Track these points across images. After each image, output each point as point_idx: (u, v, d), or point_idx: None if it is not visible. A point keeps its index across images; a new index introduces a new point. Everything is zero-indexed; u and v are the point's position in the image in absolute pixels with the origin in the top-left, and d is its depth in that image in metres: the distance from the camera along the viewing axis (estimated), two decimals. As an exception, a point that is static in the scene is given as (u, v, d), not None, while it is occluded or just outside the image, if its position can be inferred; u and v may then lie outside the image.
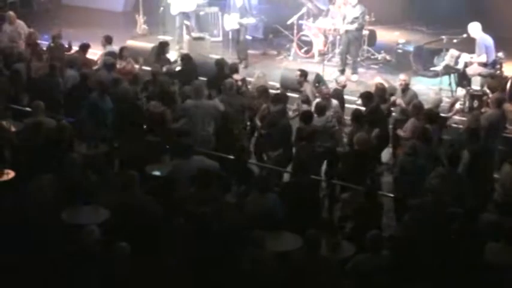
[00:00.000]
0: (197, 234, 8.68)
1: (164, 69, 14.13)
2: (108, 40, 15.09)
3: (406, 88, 12.98)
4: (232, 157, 10.88)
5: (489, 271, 8.20)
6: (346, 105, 13.38)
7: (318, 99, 12.44)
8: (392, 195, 10.47)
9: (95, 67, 14.34)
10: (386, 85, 13.53)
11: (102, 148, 11.50)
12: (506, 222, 8.76)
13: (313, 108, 12.19)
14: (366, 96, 12.48)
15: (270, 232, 8.84)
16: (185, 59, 14.58)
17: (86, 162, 10.29)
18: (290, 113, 12.66)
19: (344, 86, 13.45)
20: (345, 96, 13.45)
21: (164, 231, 9.40)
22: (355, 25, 16.15)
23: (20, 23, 16.49)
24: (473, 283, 8.14)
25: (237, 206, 9.83)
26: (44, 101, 11.87)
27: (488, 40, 14.57)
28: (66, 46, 15.41)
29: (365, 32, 16.99)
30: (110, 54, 14.37)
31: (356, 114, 11.87)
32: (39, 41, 15.69)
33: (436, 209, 9.19)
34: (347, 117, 12.46)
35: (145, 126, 11.96)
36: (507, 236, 8.37)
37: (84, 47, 14.95)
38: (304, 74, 13.59)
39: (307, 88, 13.34)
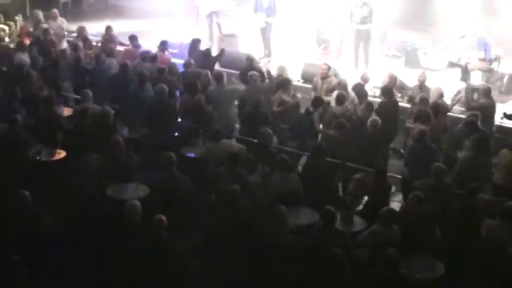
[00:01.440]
0: (226, 209, 8.73)
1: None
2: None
3: (423, 84, 12.98)
4: (257, 141, 10.93)
5: (484, 245, 8.21)
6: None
7: (337, 91, 12.42)
8: (399, 176, 10.45)
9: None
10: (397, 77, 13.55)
11: (143, 131, 11.56)
12: (502, 202, 8.75)
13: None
14: (387, 91, 12.49)
15: (291, 208, 8.85)
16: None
17: (129, 144, 10.34)
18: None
19: (366, 81, 13.44)
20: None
21: (196, 207, 9.49)
22: (368, 25, 16.12)
23: (62, 19, 16.57)
24: (469, 255, 8.14)
25: (262, 184, 9.88)
26: (90, 89, 11.97)
27: (488, 38, 14.45)
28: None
29: (378, 30, 16.88)
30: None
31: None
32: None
33: (438, 190, 9.19)
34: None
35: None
36: (503, 213, 8.34)
37: (133, 38, 14.95)
38: (329, 67, 13.62)
39: (333, 80, 13.35)
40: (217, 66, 14.47)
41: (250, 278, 7.94)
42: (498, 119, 12.56)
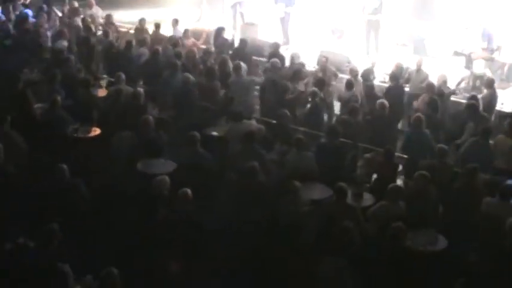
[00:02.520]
0: (244, 184, 8.73)
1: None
2: (176, 22, 15.17)
3: (419, 68, 13.06)
4: (275, 121, 10.90)
5: (484, 221, 8.17)
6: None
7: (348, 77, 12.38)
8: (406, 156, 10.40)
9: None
10: (404, 66, 13.50)
11: (171, 112, 11.56)
12: (501, 182, 8.72)
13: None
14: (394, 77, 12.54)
15: (305, 183, 8.85)
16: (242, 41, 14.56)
17: (158, 123, 10.34)
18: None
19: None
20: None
21: (218, 181, 9.51)
22: (378, 15, 16.02)
23: (97, 8, 16.61)
24: (470, 229, 8.11)
25: (279, 162, 9.87)
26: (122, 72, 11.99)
27: (491, 30, 14.33)
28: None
29: (388, 21, 16.73)
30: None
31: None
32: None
33: (440, 169, 9.14)
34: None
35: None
36: (501, 192, 8.30)
37: (158, 26, 15.10)
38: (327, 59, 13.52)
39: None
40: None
41: (267, 248, 7.95)
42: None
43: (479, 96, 11.90)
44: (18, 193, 8.57)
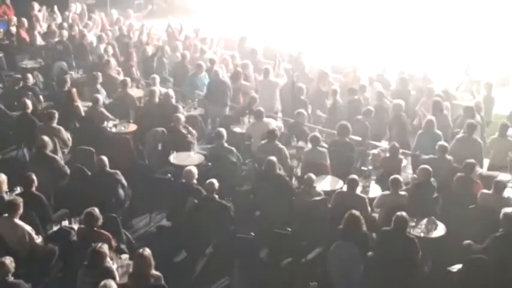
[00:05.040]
0: (265, 175, 8.72)
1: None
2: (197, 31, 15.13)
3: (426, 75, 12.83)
4: (292, 120, 10.88)
5: (479, 210, 8.11)
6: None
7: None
8: (409, 152, 10.33)
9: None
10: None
11: (198, 110, 11.58)
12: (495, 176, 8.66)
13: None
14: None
15: (319, 176, 8.85)
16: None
17: (187, 120, 10.36)
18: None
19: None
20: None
21: (241, 173, 9.52)
22: None
23: (134, 18, 16.60)
24: (466, 218, 8.05)
25: (295, 156, 9.84)
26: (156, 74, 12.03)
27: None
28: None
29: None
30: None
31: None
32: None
33: (441, 164, 9.08)
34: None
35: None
36: (495, 186, 8.23)
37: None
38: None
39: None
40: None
41: (284, 232, 7.95)
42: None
43: (478, 99, 11.79)
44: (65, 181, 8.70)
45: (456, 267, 7.11)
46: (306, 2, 17.98)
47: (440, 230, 7.85)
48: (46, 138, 8.92)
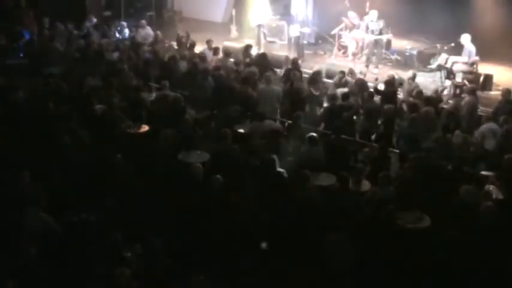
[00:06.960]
0: (266, 172, 8.73)
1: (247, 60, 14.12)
2: (209, 42, 15.06)
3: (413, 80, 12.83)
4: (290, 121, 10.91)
5: (462, 204, 8.11)
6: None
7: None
8: (397, 150, 10.35)
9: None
10: (396, 76, 13.30)
11: (205, 113, 11.59)
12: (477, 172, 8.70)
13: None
14: (389, 82, 12.46)
15: (314, 172, 8.87)
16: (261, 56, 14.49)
17: (195, 122, 10.39)
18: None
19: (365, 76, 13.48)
20: (369, 84, 13.23)
21: (243, 170, 9.52)
22: (385, 35, 15.84)
23: (148, 27, 16.63)
24: (450, 211, 8.06)
25: (294, 154, 9.86)
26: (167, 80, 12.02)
27: (472, 47, 14.18)
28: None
29: (385, 39, 16.54)
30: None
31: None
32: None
33: (426, 162, 9.09)
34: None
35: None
36: (476, 182, 8.27)
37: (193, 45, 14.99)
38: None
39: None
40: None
41: (285, 224, 7.95)
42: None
43: (462, 102, 11.81)
44: (82, 177, 8.72)
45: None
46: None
47: (425, 221, 7.83)
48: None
